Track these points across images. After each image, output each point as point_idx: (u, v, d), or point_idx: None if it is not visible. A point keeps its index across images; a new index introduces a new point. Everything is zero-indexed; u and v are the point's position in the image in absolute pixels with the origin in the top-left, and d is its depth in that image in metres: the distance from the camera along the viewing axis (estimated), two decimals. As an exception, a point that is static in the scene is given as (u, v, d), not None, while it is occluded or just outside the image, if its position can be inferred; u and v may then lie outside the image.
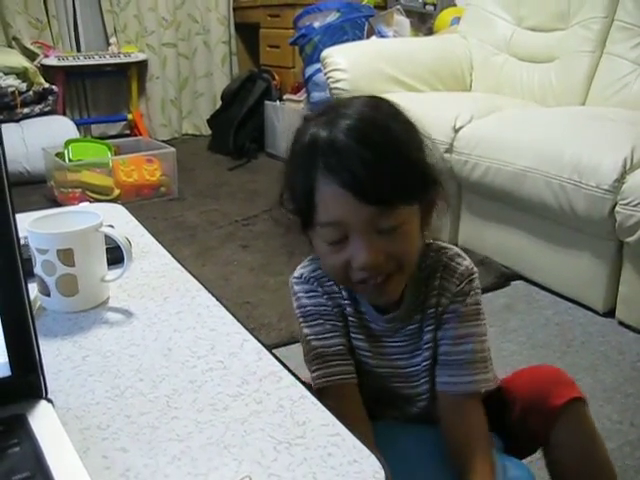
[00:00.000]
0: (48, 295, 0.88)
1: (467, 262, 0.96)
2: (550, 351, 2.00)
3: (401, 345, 0.98)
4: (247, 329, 0.84)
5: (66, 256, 0.86)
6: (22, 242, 0.65)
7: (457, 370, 0.95)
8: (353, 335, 0.98)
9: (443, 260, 0.96)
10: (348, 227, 0.83)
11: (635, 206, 1.98)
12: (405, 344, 0.97)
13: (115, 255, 0.93)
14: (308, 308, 0.98)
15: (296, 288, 1.00)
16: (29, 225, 0.87)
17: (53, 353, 0.78)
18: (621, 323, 2.16)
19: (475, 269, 0.97)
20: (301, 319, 0.98)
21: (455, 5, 3.73)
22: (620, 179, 2.03)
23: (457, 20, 3.55)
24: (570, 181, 2.14)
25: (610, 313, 2.20)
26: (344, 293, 0.97)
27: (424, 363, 0.97)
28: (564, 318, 2.21)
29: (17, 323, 0.64)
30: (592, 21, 2.86)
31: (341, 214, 0.83)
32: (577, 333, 2.11)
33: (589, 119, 2.46)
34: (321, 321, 0.97)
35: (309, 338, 0.97)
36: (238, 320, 0.86)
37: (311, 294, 0.98)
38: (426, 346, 0.96)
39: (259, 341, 0.81)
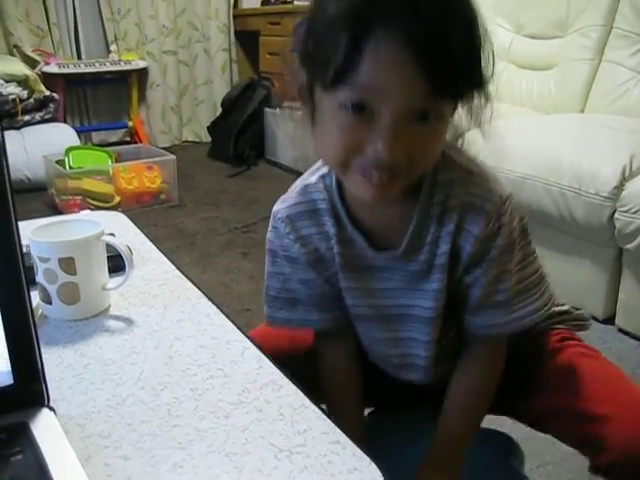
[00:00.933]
0: (50, 303, 0.89)
1: (494, 193, 0.82)
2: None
3: (400, 280, 0.88)
4: (247, 337, 0.85)
5: (68, 264, 0.87)
6: (24, 250, 0.65)
7: (493, 311, 0.87)
8: (346, 277, 0.89)
9: (462, 197, 0.81)
10: (383, 99, 0.68)
11: (634, 213, 1.99)
12: (405, 281, 0.88)
13: (116, 263, 0.93)
14: (276, 247, 0.92)
15: (272, 222, 0.92)
16: (31, 234, 0.87)
17: (55, 361, 0.79)
18: (621, 330, 2.16)
19: (505, 194, 0.82)
20: (267, 252, 0.93)
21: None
22: (619, 186, 2.04)
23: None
24: (570, 188, 2.15)
25: (610, 320, 2.20)
26: (330, 230, 0.87)
27: (428, 310, 0.88)
28: (564, 325, 2.21)
29: (20, 331, 0.65)
30: (591, 29, 2.87)
31: (391, 80, 0.67)
32: (577, 340, 2.11)
33: (588, 126, 2.46)
34: (288, 265, 0.91)
35: (273, 276, 0.94)
36: (238, 328, 0.87)
37: (281, 235, 0.90)
38: (432, 295, 0.86)
39: (259, 349, 0.81)
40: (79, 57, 4.77)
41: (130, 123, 4.84)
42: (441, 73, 0.67)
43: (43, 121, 3.95)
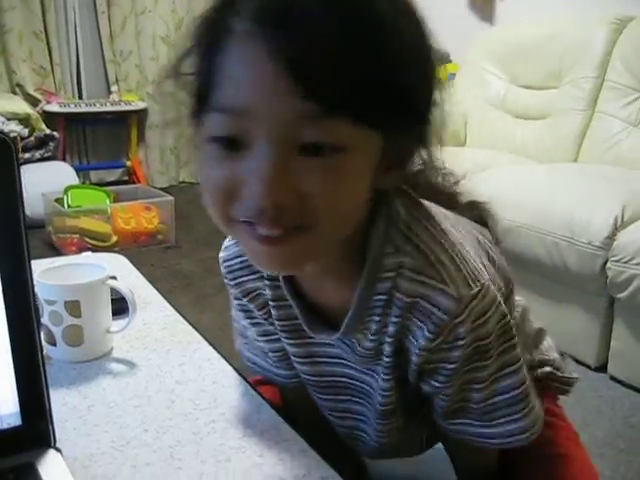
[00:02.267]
0: (54, 345, 0.91)
1: (452, 293, 0.62)
2: (543, 405, 2.01)
3: (354, 357, 0.73)
4: (246, 379, 0.86)
5: (73, 307, 0.89)
6: (33, 294, 0.67)
7: (466, 420, 0.73)
8: (287, 342, 0.77)
9: (410, 293, 0.64)
10: (256, 125, 0.53)
11: (626, 262, 2.02)
12: (359, 358, 0.73)
13: (118, 306, 0.96)
14: (232, 296, 0.82)
15: (223, 267, 0.79)
16: (38, 276, 0.89)
17: (59, 402, 0.80)
18: (613, 378, 2.18)
19: (470, 292, 0.63)
20: (230, 295, 0.83)
21: (451, 61, 3.82)
22: (611, 236, 2.08)
23: (452, 76, 3.63)
24: (562, 237, 2.18)
25: (602, 368, 2.22)
26: (267, 290, 0.74)
27: (380, 393, 0.74)
28: (556, 372, 2.22)
29: (29, 373, 0.67)
30: (583, 80, 2.93)
31: (254, 95, 0.53)
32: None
33: (581, 176, 2.51)
34: (247, 318, 0.81)
35: (236, 322, 0.87)
36: (238, 373, 0.88)
37: (230, 285, 0.79)
38: (384, 376, 0.72)
39: (259, 394, 0.83)
40: (80, 97, 4.83)
41: (128, 163, 4.88)
42: (322, 82, 0.51)
43: (43, 159, 3.98)
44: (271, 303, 0.74)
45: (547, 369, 0.89)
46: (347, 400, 0.79)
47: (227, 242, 0.78)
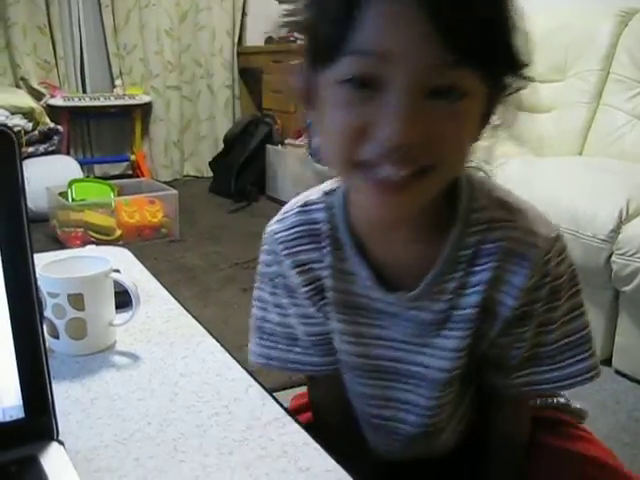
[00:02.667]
0: (57, 338, 0.91)
1: (539, 237, 0.69)
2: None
3: (404, 331, 0.75)
4: (249, 373, 0.86)
5: (76, 300, 0.89)
6: (36, 287, 0.67)
7: (535, 368, 0.76)
8: (330, 314, 0.78)
9: (499, 239, 0.70)
10: (391, 69, 0.56)
11: (631, 256, 2.02)
12: (409, 332, 0.75)
13: (122, 299, 0.95)
14: (271, 273, 0.81)
15: (266, 242, 0.82)
16: (41, 269, 0.89)
17: (62, 395, 0.80)
18: (618, 372, 2.17)
19: (552, 235, 0.71)
20: (263, 277, 0.83)
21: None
22: (616, 229, 2.07)
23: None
24: (567, 231, 2.18)
25: (607, 361, 2.21)
26: (327, 259, 0.75)
27: (436, 371, 0.76)
28: (561, 366, 2.22)
29: (32, 366, 0.67)
30: (588, 73, 2.92)
31: (397, 42, 0.55)
32: (574, 381, 2.12)
33: (586, 169, 2.50)
34: (287, 297, 0.81)
35: (270, 308, 0.84)
36: (242, 366, 0.88)
37: (277, 259, 0.79)
38: (446, 354, 0.74)
39: (263, 387, 0.83)
40: (84, 91, 4.84)
41: (132, 157, 4.89)
42: (460, 36, 0.55)
43: (47, 153, 3.99)
44: (328, 273, 0.75)
45: (561, 400, 0.94)
46: (390, 387, 0.81)
47: (281, 215, 0.80)
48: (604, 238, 2.08)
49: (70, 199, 3.43)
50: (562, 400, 0.94)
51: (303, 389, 0.99)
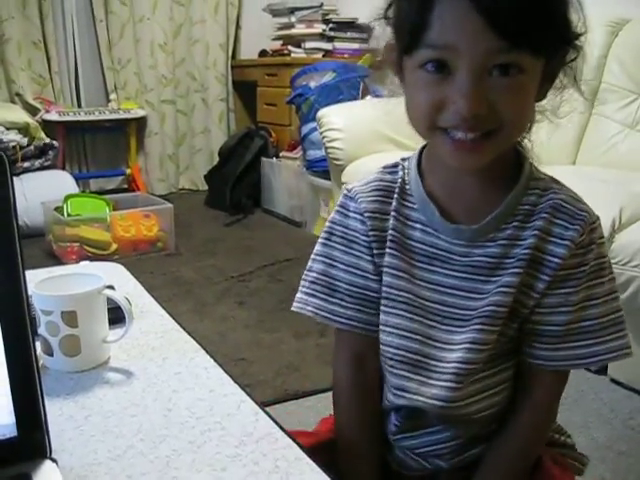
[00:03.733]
0: (51, 355, 0.91)
1: (587, 207, 0.82)
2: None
3: (459, 276, 0.83)
4: (242, 387, 0.87)
5: (70, 318, 0.89)
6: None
7: (581, 341, 0.82)
8: (391, 253, 0.86)
9: (553, 199, 0.81)
10: (459, 57, 0.70)
11: (624, 265, 2.02)
12: (466, 276, 0.83)
13: (115, 315, 0.96)
14: (342, 230, 0.89)
15: (341, 201, 0.91)
16: (35, 287, 0.90)
17: (56, 412, 0.80)
18: (613, 380, 2.17)
19: (597, 215, 0.82)
20: (323, 233, 0.91)
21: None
22: (609, 238, 2.07)
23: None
24: (560, 240, 2.18)
25: (603, 370, 2.21)
26: (393, 205, 0.86)
27: (486, 309, 0.81)
28: (557, 375, 2.23)
29: (25, 384, 0.67)
30: (581, 83, 2.93)
31: (459, 37, 0.70)
32: (570, 391, 2.12)
33: (579, 178, 2.49)
34: (348, 250, 0.89)
35: (326, 260, 0.90)
36: (234, 380, 0.89)
37: (352, 215, 0.88)
38: (502, 289, 0.80)
39: (255, 402, 0.83)
40: (79, 105, 4.85)
41: (128, 171, 4.89)
42: (509, 28, 0.68)
43: (42, 168, 4.00)
44: (392, 219, 0.85)
45: (569, 440, 0.99)
46: (434, 326, 0.85)
47: (362, 179, 0.91)
48: (597, 247, 2.08)
49: (66, 214, 3.43)
50: (569, 441, 0.99)
51: (299, 403, 1.00)
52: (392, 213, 0.86)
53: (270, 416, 0.80)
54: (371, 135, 3.16)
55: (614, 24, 2.89)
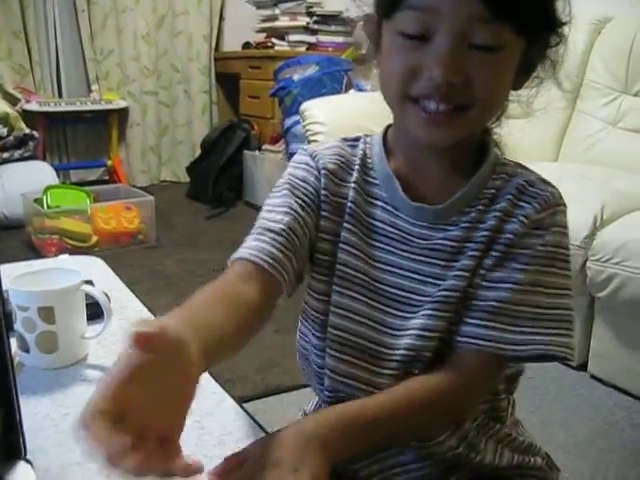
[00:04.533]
0: (27, 351, 0.90)
1: (554, 189, 0.78)
2: (524, 405, 2.01)
3: (419, 259, 0.78)
4: (222, 384, 0.86)
5: (47, 314, 0.88)
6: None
7: (513, 325, 0.74)
8: (349, 228, 0.80)
9: (519, 182, 0.78)
10: (439, 22, 0.69)
11: (605, 262, 2.03)
12: (425, 260, 0.78)
13: (94, 311, 0.95)
14: (288, 178, 0.82)
15: (294, 157, 0.86)
16: (11, 282, 0.88)
17: (32, 411, 0.79)
18: (593, 377, 2.18)
19: (563, 201, 0.78)
20: (274, 189, 0.83)
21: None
22: (591, 235, 2.08)
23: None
24: (542, 237, 2.19)
25: (583, 367, 2.22)
26: (355, 178, 0.81)
27: (438, 294, 0.77)
28: (537, 372, 2.23)
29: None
30: (563, 80, 2.94)
31: (443, 0, 0.68)
32: (550, 387, 2.14)
33: (561, 176, 2.50)
34: (287, 194, 0.80)
35: (264, 209, 0.81)
36: (214, 378, 0.88)
37: (304, 167, 0.83)
38: (457, 273, 0.76)
39: (235, 400, 0.82)
40: (60, 96, 4.80)
41: (109, 162, 4.85)
42: None
43: (22, 159, 3.96)
44: (353, 185, 0.81)
45: (538, 460, 0.89)
46: (388, 312, 0.79)
47: (319, 144, 0.87)
48: (579, 244, 2.09)
49: (45, 206, 3.39)
50: (538, 460, 0.89)
51: (280, 397, 0.98)
52: (352, 185, 0.81)
53: (250, 415, 0.79)
54: (354, 129, 3.09)
55: (597, 22, 2.90)
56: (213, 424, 0.76)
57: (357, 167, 0.82)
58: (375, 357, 0.79)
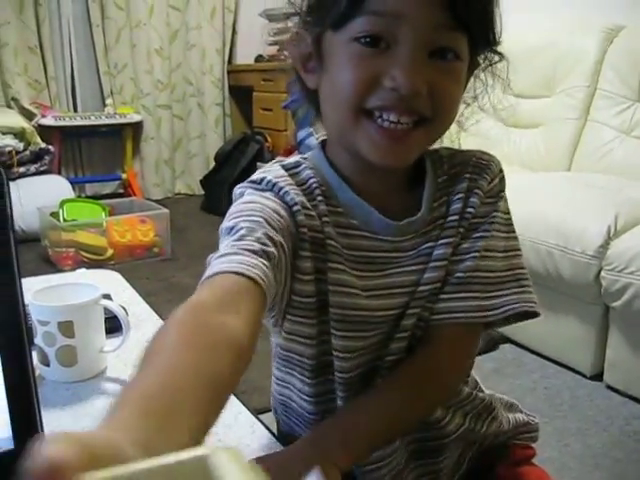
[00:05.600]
0: (48, 365, 0.91)
1: (494, 158, 0.81)
2: (539, 416, 2.00)
3: (409, 270, 0.76)
4: (238, 395, 0.86)
5: (67, 328, 0.89)
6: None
7: (480, 291, 0.76)
8: (337, 268, 0.73)
9: (471, 160, 0.79)
10: (402, 27, 0.65)
11: (620, 271, 2.03)
12: (416, 269, 0.76)
13: (112, 324, 0.96)
14: (257, 206, 0.69)
15: (246, 192, 0.74)
16: (31, 297, 0.90)
17: (52, 424, 0.80)
18: (609, 387, 2.18)
19: (501, 166, 0.81)
20: (229, 217, 0.69)
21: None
22: (605, 245, 2.08)
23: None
24: (556, 247, 2.19)
25: (598, 376, 2.22)
26: (322, 209, 0.74)
27: (420, 289, 0.76)
28: (552, 382, 2.23)
29: (21, 396, 0.67)
30: (576, 89, 2.95)
31: (405, 5, 0.65)
32: (565, 397, 2.13)
33: (574, 185, 2.52)
34: (262, 222, 0.66)
35: (228, 238, 0.67)
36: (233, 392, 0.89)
37: (272, 200, 0.71)
38: (436, 264, 0.76)
39: (252, 412, 0.83)
40: (75, 110, 4.85)
41: (124, 175, 4.89)
42: (461, 4, 0.65)
43: (38, 173, 3.99)
44: (327, 218, 0.73)
45: (520, 416, 0.91)
46: (389, 336, 0.77)
47: (260, 170, 0.77)
48: (593, 254, 2.09)
49: (62, 219, 3.43)
50: (524, 416, 0.91)
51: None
52: (324, 218, 0.73)
53: (267, 427, 0.80)
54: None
55: (609, 30, 2.91)
56: (231, 437, 0.77)
57: (318, 198, 0.74)
58: (379, 377, 0.78)
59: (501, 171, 0.80)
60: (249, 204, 0.69)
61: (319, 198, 0.74)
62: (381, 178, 0.76)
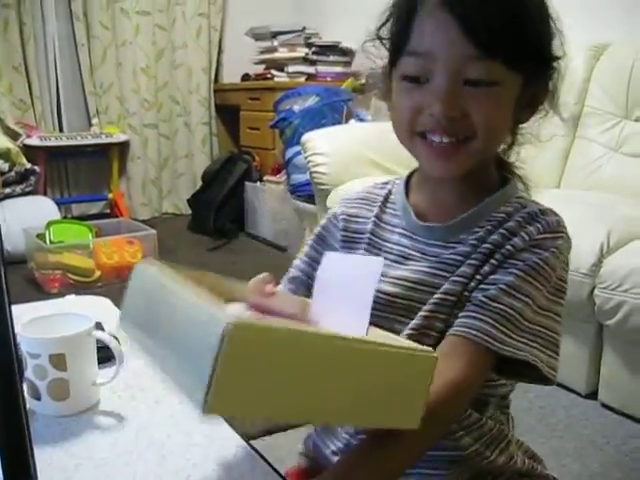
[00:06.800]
0: (38, 399, 0.88)
1: (560, 218, 0.84)
2: (534, 436, 1.99)
3: (427, 272, 0.84)
4: (235, 429, 0.84)
5: (58, 361, 0.87)
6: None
7: (498, 322, 0.77)
8: (362, 253, 0.90)
9: (532, 210, 0.83)
10: (435, 64, 0.77)
11: (613, 289, 2.02)
12: (433, 272, 0.84)
13: (104, 354, 0.93)
14: (317, 230, 0.98)
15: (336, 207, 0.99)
16: (21, 329, 0.87)
17: (45, 462, 0.78)
18: (604, 405, 2.16)
19: (567, 232, 0.83)
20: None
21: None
22: (597, 263, 2.07)
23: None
24: (549, 265, 2.18)
25: (593, 395, 2.20)
26: (374, 212, 0.92)
27: (435, 297, 0.82)
28: (547, 401, 2.21)
29: (12, 432, 0.64)
30: (563, 107, 2.94)
31: (434, 43, 0.77)
32: (561, 416, 2.11)
33: (565, 202, 2.49)
34: (312, 244, 0.97)
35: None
36: (230, 424, 0.86)
37: (329, 215, 0.98)
38: (456, 279, 0.82)
39: (250, 446, 0.81)
40: (61, 130, 4.81)
41: (110, 195, 4.86)
42: (482, 36, 0.74)
43: (24, 194, 3.95)
44: (372, 219, 0.92)
45: (544, 469, 0.93)
46: (385, 317, 0.84)
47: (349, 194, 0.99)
48: (586, 272, 2.08)
49: (48, 241, 3.39)
50: (544, 470, 0.93)
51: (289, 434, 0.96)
52: (372, 219, 0.92)
53: (266, 460, 0.77)
54: (356, 159, 3.15)
55: (595, 48, 2.91)
56: (231, 473, 0.75)
57: (379, 204, 0.93)
58: None
59: (562, 231, 0.82)
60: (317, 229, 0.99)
61: (379, 204, 0.93)
62: (440, 188, 0.88)
